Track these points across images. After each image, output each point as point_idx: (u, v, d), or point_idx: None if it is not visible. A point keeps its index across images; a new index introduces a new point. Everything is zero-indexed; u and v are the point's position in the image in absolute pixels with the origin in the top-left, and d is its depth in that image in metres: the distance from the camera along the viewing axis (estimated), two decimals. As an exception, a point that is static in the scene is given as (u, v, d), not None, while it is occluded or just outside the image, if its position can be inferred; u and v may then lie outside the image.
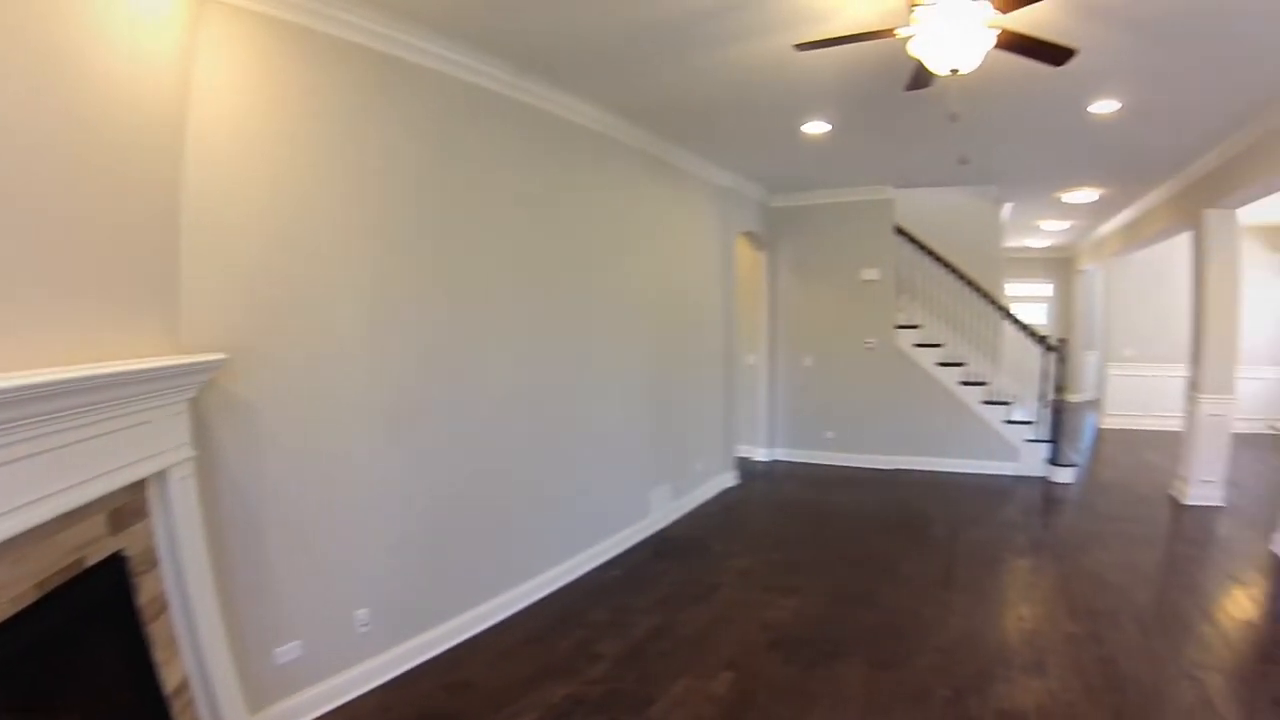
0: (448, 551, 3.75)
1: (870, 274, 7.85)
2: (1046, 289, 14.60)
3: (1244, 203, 5.92)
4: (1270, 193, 5.48)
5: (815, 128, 5.25)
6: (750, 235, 7.86)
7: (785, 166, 6.70)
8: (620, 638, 3.83)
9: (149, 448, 2.26)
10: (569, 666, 3.54)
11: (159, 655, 2.30)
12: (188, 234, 2.57)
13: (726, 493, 6.97)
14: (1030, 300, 14.53)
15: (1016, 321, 7.97)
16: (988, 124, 5.20)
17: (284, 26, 2.89)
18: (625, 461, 5.27)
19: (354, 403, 3.25)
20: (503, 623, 4.01)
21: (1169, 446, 8.69)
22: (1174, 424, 10.01)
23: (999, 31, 2.87)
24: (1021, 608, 4.40)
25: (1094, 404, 12.05)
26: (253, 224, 2.83)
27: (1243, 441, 7.72)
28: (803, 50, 3.20)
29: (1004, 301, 8.29)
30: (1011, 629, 4.06)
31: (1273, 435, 5.26)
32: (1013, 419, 7.75)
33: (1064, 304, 14.34)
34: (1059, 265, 14.32)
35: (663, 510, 5.80)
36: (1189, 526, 5.91)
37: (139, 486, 2.30)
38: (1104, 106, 4.68)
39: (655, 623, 4.01)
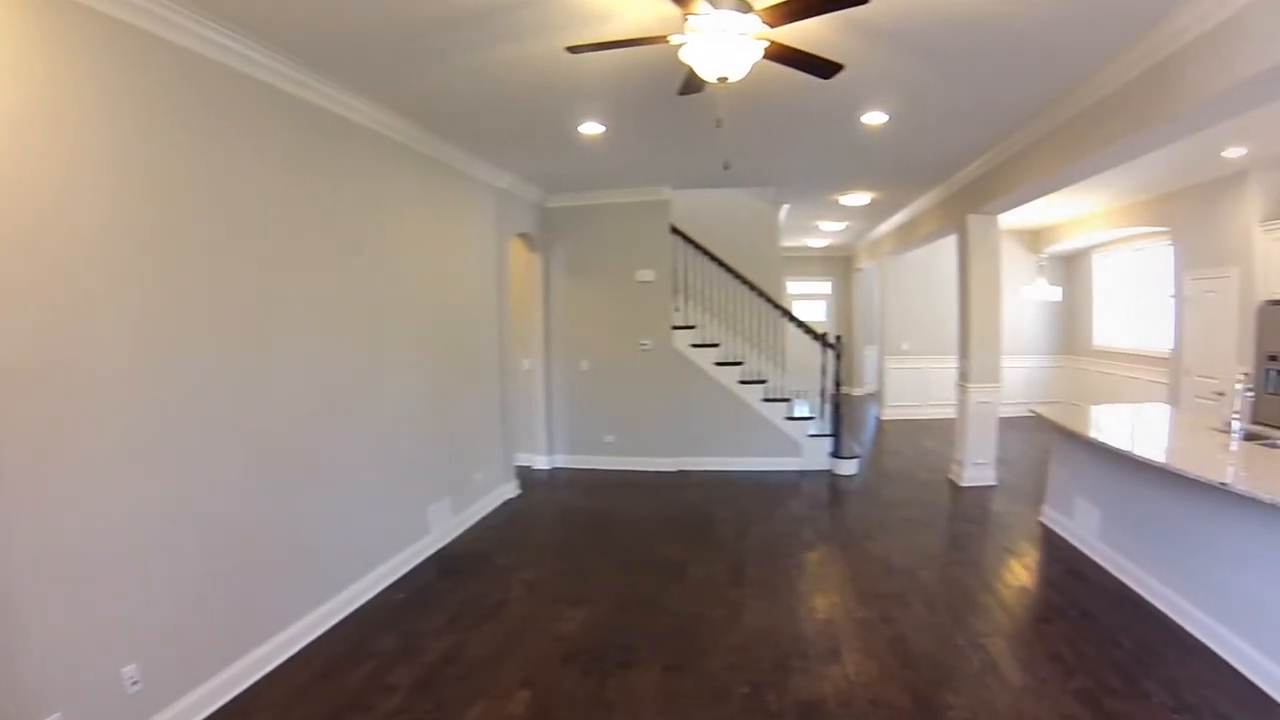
0: (225, 589, 3.58)
1: (646, 275, 8.31)
2: (826, 287, 16.13)
3: (1003, 210, 6.95)
4: (1024, 201, 6.53)
5: (591, 129, 5.55)
6: (526, 237, 8.14)
7: (562, 167, 6.99)
8: (412, 664, 3.87)
9: None
10: (363, 701, 3.53)
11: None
12: None
13: (508, 504, 7.11)
14: (811, 298, 16.00)
15: (794, 319, 8.67)
16: (764, 130, 5.76)
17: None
18: (402, 478, 5.31)
19: (103, 432, 2.97)
20: (292, 659, 3.93)
21: (945, 433, 9.90)
22: (949, 412, 11.44)
23: (768, 44, 3.20)
24: (812, 599, 4.70)
25: (875, 396, 13.34)
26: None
27: (1010, 424, 8.90)
28: (575, 53, 3.41)
29: (783, 300, 8.95)
30: (804, 620, 4.34)
31: (1034, 417, 6.04)
32: (794, 415, 8.41)
33: (844, 301, 15.93)
34: (838, 264, 15.91)
35: (444, 526, 5.89)
36: (966, 506, 6.72)
37: None
38: (874, 118, 5.32)
39: (446, 645, 4.08)
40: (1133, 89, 4.12)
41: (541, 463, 8.60)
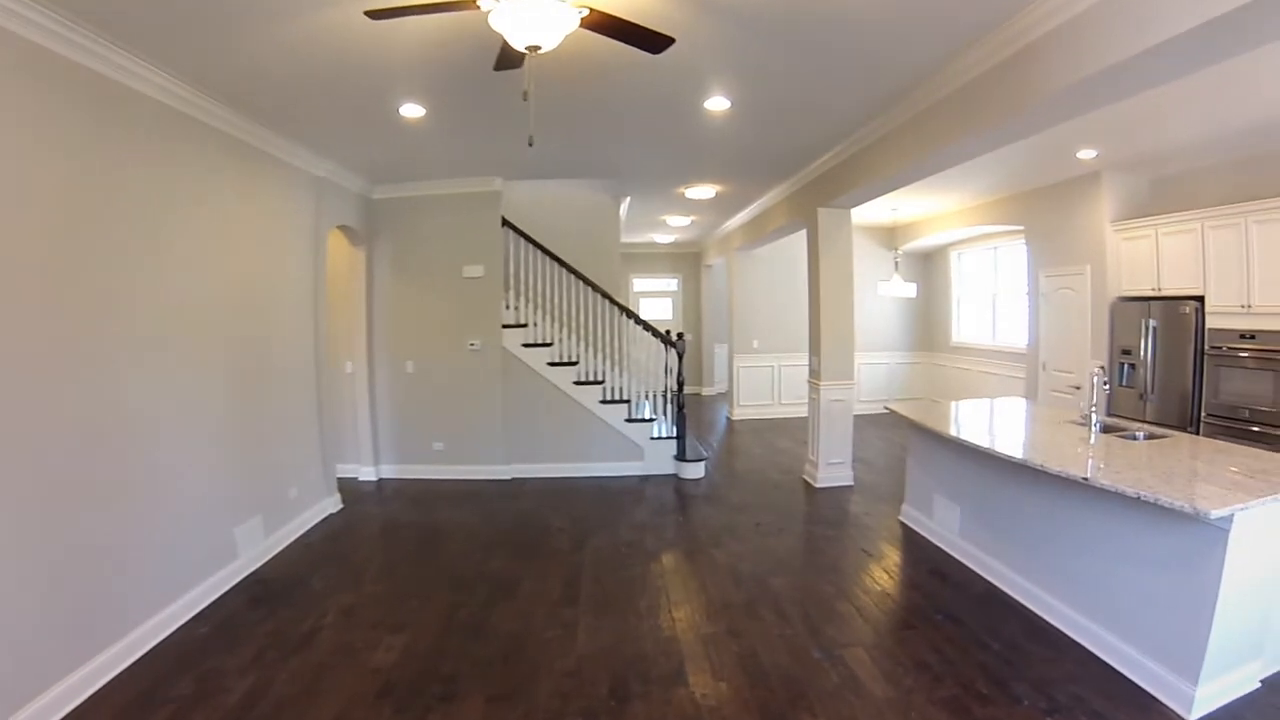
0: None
1: (475, 270, 8.22)
2: (673, 284, 16.37)
3: (855, 203, 7.16)
4: (877, 195, 6.73)
5: (412, 111, 5.43)
6: (347, 230, 7.92)
7: (386, 154, 6.82)
8: (211, 710, 3.57)
9: None
10: (155, 758, 3.25)
11: None
12: None
13: (328, 520, 6.84)
14: (658, 295, 16.21)
15: (635, 318, 8.65)
16: (598, 114, 5.64)
17: None
18: (204, 498, 5.01)
19: None
20: (73, 714, 3.55)
21: (798, 432, 10.10)
22: (802, 410, 11.84)
23: (587, 11, 3.11)
24: (654, 615, 4.53)
25: (726, 396, 13.56)
26: None
27: (868, 422, 9.21)
28: (376, 19, 3.29)
29: (628, 297, 8.88)
30: (645, 639, 4.17)
31: (892, 414, 6.17)
32: (635, 417, 8.40)
33: (692, 299, 16.21)
34: (687, 260, 16.20)
35: (255, 548, 5.63)
36: (821, 508, 6.78)
37: None
38: (716, 104, 5.31)
39: (250, 685, 3.80)
40: (986, 81, 4.23)
41: (367, 474, 8.37)
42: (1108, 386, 7.26)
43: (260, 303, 5.83)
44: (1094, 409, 4.92)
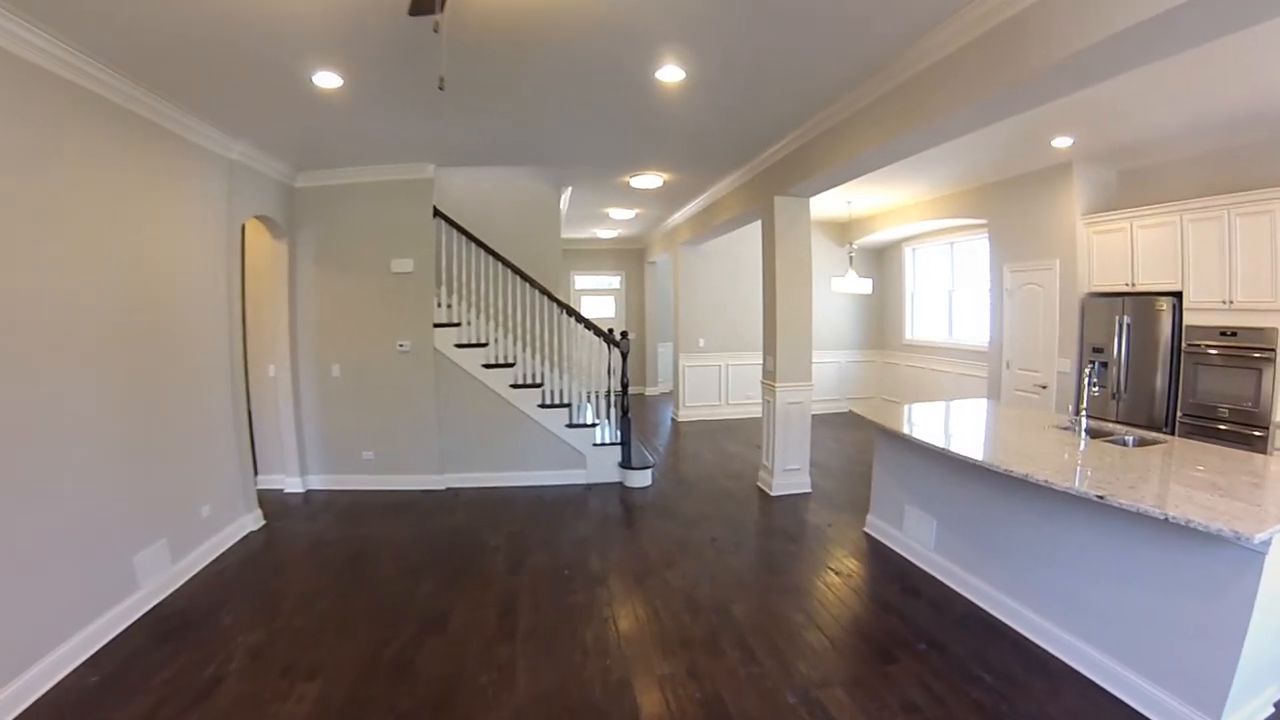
0: None
1: (403, 265, 7.83)
2: (616, 281, 16.05)
3: (814, 191, 6.82)
4: (838, 182, 6.40)
5: (327, 80, 4.92)
6: (268, 221, 7.45)
7: (306, 134, 6.31)
8: None
9: None
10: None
11: None
12: None
13: (248, 539, 6.33)
14: (601, 293, 15.89)
15: (577, 316, 8.27)
16: (535, 85, 5.18)
17: None
18: (96, 522, 4.55)
19: None
20: None
21: (747, 434, 9.80)
22: (749, 411, 11.61)
23: None
24: (603, 652, 4.08)
25: (671, 396, 13.34)
26: None
27: (818, 421, 8.88)
28: None
29: (569, 295, 8.52)
30: (593, 683, 3.72)
31: (845, 414, 5.85)
32: (576, 422, 8.03)
33: (636, 296, 15.91)
34: (630, 256, 15.88)
35: (160, 577, 5.15)
36: (780, 519, 6.42)
37: None
38: (670, 74, 4.86)
39: None
40: (969, 53, 3.91)
41: (294, 485, 7.92)
42: (1098, 389, 7.03)
43: (164, 299, 5.39)
44: (1085, 412, 4.63)
